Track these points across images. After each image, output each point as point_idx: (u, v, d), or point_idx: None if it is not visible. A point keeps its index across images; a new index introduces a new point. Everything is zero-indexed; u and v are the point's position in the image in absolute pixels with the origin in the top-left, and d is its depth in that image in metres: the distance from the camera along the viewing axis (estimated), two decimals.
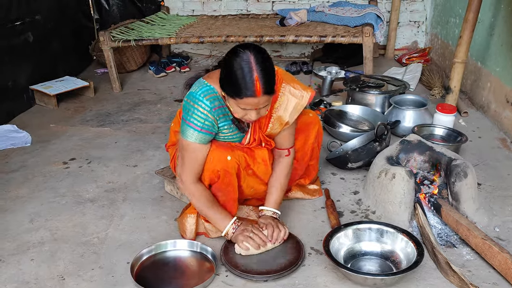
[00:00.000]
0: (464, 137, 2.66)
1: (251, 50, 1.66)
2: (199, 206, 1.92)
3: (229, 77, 1.67)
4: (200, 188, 1.90)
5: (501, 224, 2.08)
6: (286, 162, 2.04)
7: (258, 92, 1.65)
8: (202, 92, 1.79)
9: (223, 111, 1.84)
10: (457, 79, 3.11)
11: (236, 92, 1.67)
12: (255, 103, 1.68)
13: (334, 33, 3.73)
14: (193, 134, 1.81)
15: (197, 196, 1.90)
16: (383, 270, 1.83)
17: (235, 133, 1.93)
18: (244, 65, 1.63)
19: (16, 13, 3.43)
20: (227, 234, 1.91)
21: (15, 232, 2.13)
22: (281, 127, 1.94)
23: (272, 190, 2.02)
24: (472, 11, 2.91)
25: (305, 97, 1.92)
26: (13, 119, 3.40)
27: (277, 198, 2.03)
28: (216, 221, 1.92)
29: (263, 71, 1.65)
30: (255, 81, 1.63)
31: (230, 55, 1.68)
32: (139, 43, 3.83)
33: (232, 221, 1.91)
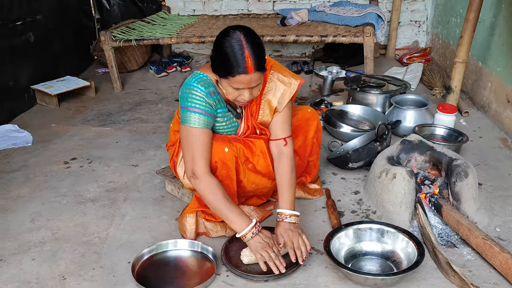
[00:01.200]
0: (465, 137, 2.66)
1: (241, 30, 1.70)
2: (216, 202, 1.80)
3: (221, 56, 1.70)
4: (216, 182, 1.82)
5: (502, 224, 2.08)
6: (287, 156, 1.96)
7: (250, 69, 1.67)
8: (196, 79, 1.82)
9: (218, 97, 1.87)
10: (458, 79, 3.10)
11: (228, 70, 1.68)
12: (247, 81, 1.69)
13: (335, 32, 3.73)
14: (196, 118, 1.80)
15: (215, 191, 1.80)
16: (383, 270, 1.83)
17: (230, 122, 1.94)
18: (234, 43, 1.66)
19: (17, 13, 3.43)
20: (244, 236, 1.78)
21: (16, 231, 2.13)
22: (271, 114, 1.95)
23: (283, 189, 1.93)
24: (473, 11, 2.91)
25: (294, 84, 1.94)
26: (14, 118, 3.40)
27: (290, 197, 1.93)
28: (233, 220, 1.79)
29: (254, 48, 1.67)
30: (246, 58, 1.65)
31: (221, 36, 1.71)
32: (140, 43, 3.84)
33: (253, 224, 1.78)
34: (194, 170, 1.82)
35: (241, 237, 1.79)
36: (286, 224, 1.87)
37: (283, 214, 1.89)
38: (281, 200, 1.93)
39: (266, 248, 1.76)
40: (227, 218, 1.82)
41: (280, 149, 1.99)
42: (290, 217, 1.88)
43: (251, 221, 1.80)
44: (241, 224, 1.79)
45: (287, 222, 1.87)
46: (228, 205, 1.81)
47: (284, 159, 1.97)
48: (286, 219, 1.88)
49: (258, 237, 1.78)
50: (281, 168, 1.97)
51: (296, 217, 1.90)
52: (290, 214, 1.89)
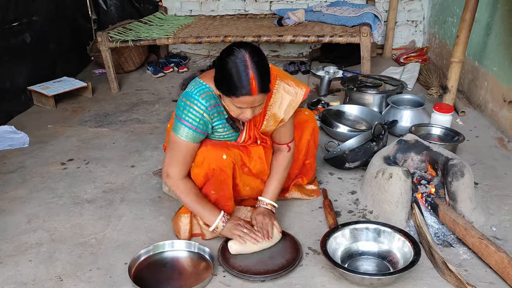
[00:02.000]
0: (461, 137, 2.67)
1: (246, 48, 1.67)
2: (188, 201, 1.92)
3: (225, 75, 1.68)
4: (188, 184, 1.91)
5: (498, 224, 2.09)
6: (285, 156, 2.07)
7: (254, 91, 1.66)
8: (198, 91, 1.79)
9: (218, 109, 1.85)
10: (454, 79, 3.11)
11: (231, 90, 1.67)
12: (250, 102, 1.69)
13: (332, 32, 3.73)
14: (187, 133, 1.81)
15: (186, 192, 1.90)
16: (380, 270, 1.83)
17: (230, 132, 1.93)
18: (239, 63, 1.64)
19: (13, 14, 3.42)
20: (217, 228, 1.92)
21: (12, 233, 2.13)
22: (275, 124, 1.95)
23: (272, 181, 2.06)
24: (469, 11, 2.92)
25: (299, 94, 1.94)
26: (11, 120, 3.40)
27: (275, 190, 2.06)
28: (205, 215, 1.93)
29: (259, 69, 1.66)
30: (251, 80, 1.64)
31: (225, 54, 1.69)
32: (137, 43, 3.83)
33: (221, 215, 1.92)
34: (169, 172, 1.90)
35: (215, 230, 1.94)
36: (261, 209, 2.03)
37: (261, 202, 2.05)
38: (266, 189, 2.07)
39: (238, 227, 1.93)
40: (200, 214, 1.95)
41: (281, 150, 2.07)
42: (266, 205, 2.04)
43: (219, 212, 1.93)
44: (212, 218, 1.92)
45: (263, 207, 2.03)
46: (200, 203, 1.92)
47: (283, 156, 2.07)
48: (262, 205, 2.04)
49: (229, 224, 1.94)
50: (277, 162, 2.08)
51: (272, 207, 2.05)
52: (267, 202, 2.05)
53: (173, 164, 1.88)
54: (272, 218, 2.00)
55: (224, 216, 1.94)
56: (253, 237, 1.91)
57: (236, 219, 1.97)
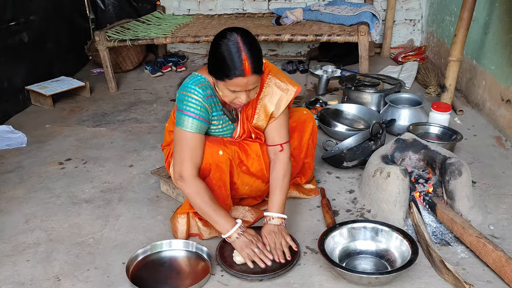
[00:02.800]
0: (459, 135, 2.67)
1: (238, 32, 1.69)
2: (202, 205, 1.83)
3: (218, 59, 1.69)
4: (203, 185, 1.84)
5: (496, 222, 2.09)
6: (282, 160, 1.99)
7: (247, 71, 1.66)
8: (194, 81, 1.82)
9: (214, 100, 1.86)
10: (452, 78, 3.11)
11: (225, 73, 1.68)
12: (244, 83, 1.69)
13: (330, 32, 3.73)
14: (190, 122, 1.80)
15: (201, 194, 1.82)
16: (378, 269, 1.83)
17: (226, 125, 1.94)
18: (231, 45, 1.65)
19: (10, 14, 3.41)
20: (230, 237, 1.82)
21: (10, 233, 2.13)
22: (266, 119, 1.95)
23: (274, 192, 1.96)
24: (467, 10, 2.92)
25: (291, 91, 1.93)
26: (8, 119, 3.39)
27: (280, 200, 1.95)
28: (219, 222, 1.83)
29: (251, 50, 1.67)
30: (243, 60, 1.65)
31: (217, 38, 1.71)
32: (135, 42, 3.83)
33: (238, 225, 1.83)
34: (181, 172, 1.84)
35: (227, 238, 1.84)
36: (271, 226, 1.91)
37: (269, 217, 1.93)
38: (270, 203, 1.96)
39: (250, 245, 1.81)
40: (213, 220, 1.85)
41: (276, 154, 2.00)
42: (276, 220, 1.92)
43: (236, 223, 1.84)
44: (227, 226, 1.82)
45: (272, 224, 1.91)
46: (214, 207, 1.83)
47: (279, 164, 1.99)
48: (271, 221, 1.92)
49: (243, 237, 1.83)
50: (274, 172, 1.99)
51: (282, 220, 1.93)
52: (276, 216, 1.92)
53: (184, 162, 1.82)
54: (284, 234, 1.89)
55: (240, 228, 1.83)
56: (262, 260, 1.80)
57: (251, 234, 1.85)
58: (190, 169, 1.83)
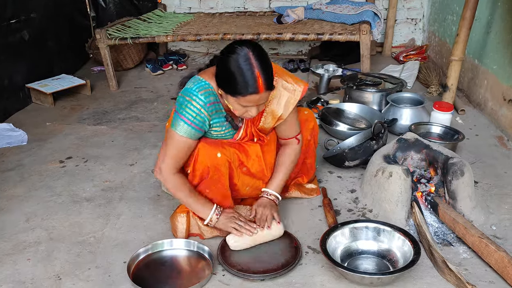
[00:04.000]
0: (461, 135, 2.67)
1: (248, 46, 1.66)
2: (181, 196, 1.91)
3: (229, 75, 1.67)
4: (179, 179, 1.90)
5: (498, 222, 2.08)
6: (294, 149, 2.07)
7: (261, 89, 1.66)
8: (198, 87, 1.79)
9: (217, 107, 1.85)
10: (454, 77, 3.11)
11: (237, 90, 1.66)
12: (256, 100, 1.69)
13: (331, 30, 3.72)
14: (183, 128, 1.80)
15: (178, 186, 1.89)
16: (380, 269, 1.83)
17: (227, 131, 1.93)
18: (243, 62, 1.64)
19: (11, 11, 3.40)
20: (211, 220, 1.92)
21: (11, 231, 2.12)
22: (274, 121, 1.95)
23: (277, 173, 2.05)
24: (469, 9, 2.91)
25: (298, 91, 1.93)
26: (9, 117, 3.38)
27: (280, 181, 2.05)
28: (198, 209, 1.92)
29: (263, 67, 1.66)
30: (257, 78, 1.64)
31: (227, 53, 1.68)
32: (136, 41, 3.82)
33: (214, 207, 1.92)
34: (161, 167, 1.89)
35: (209, 223, 1.93)
36: (264, 199, 2.02)
37: (265, 192, 2.04)
38: (270, 181, 2.06)
39: (233, 219, 1.92)
40: (194, 208, 1.94)
41: (289, 144, 2.07)
42: (269, 195, 2.02)
43: (213, 205, 1.93)
44: (206, 211, 1.92)
45: (265, 198, 2.02)
46: (193, 197, 1.91)
47: (290, 150, 2.07)
48: (265, 195, 2.02)
49: (222, 216, 1.93)
50: (283, 156, 2.07)
51: (275, 198, 2.03)
52: (271, 193, 2.03)
53: (166, 159, 1.87)
54: (273, 209, 1.98)
55: (217, 209, 1.93)
56: (248, 229, 1.90)
57: (229, 212, 1.96)
58: (168, 167, 1.87)
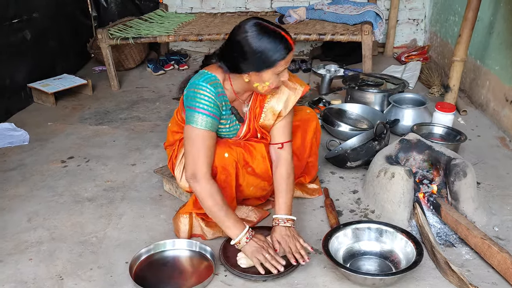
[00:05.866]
0: (463, 136, 2.66)
1: (249, 20, 1.71)
2: (214, 208, 1.78)
3: (258, 51, 1.67)
4: (216, 187, 1.80)
5: (500, 224, 2.08)
6: (285, 160, 1.96)
7: (292, 44, 1.70)
8: (205, 79, 1.79)
9: (224, 99, 1.85)
10: (456, 78, 3.10)
11: (276, 57, 1.68)
12: (290, 58, 1.72)
13: (333, 31, 3.72)
14: (203, 120, 1.76)
15: (214, 196, 1.77)
16: (382, 270, 1.83)
17: (232, 125, 1.93)
18: (262, 31, 1.66)
19: (13, 11, 3.40)
20: (239, 242, 1.78)
21: (13, 231, 2.12)
22: (274, 118, 1.94)
23: (280, 193, 1.92)
24: (472, 9, 2.91)
25: (298, 90, 1.93)
26: (11, 117, 3.38)
27: (287, 201, 1.91)
28: (228, 224, 1.79)
29: (276, 25, 1.70)
30: (284, 36, 1.67)
31: (240, 34, 1.69)
32: (138, 41, 3.82)
33: (246, 230, 1.78)
34: (195, 172, 1.78)
35: (236, 244, 1.79)
36: (282, 229, 1.85)
37: (279, 219, 1.87)
38: (277, 205, 1.92)
39: (261, 251, 1.76)
40: (223, 224, 1.80)
41: (278, 154, 1.97)
42: (286, 222, 1.86)
43: (245, 227, 1.80)
44: (237, 230, 1.78)
45: (283, 227, 1.86)
46: (225, 211, 1.79)
47: (282, 163, 1.96)
48: (281, 223, 1.86)
49: (252, 242, 1.78)
50: (278, 173, 1.96)
51: (292, 222, 1.89)
52: (286, 218, 1.87)
53: (198, 161, 1.77)
54: (297, 236, 1.84)
55: (249, 232, 1.79)
56: (275, 265, 1.74)
57: (261, 239, 1.81)
58: (205, 168, 1.78)
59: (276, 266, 1.74)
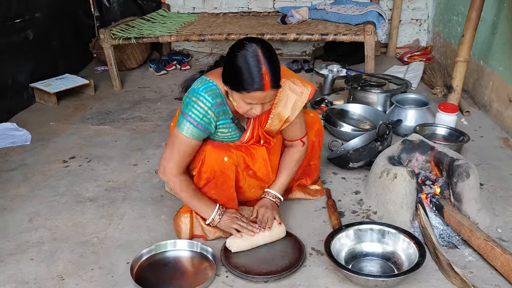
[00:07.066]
0: (466, 137, 2.65)
1: (258, 43, 1.66)
2: (185, 197, 1.91)
3: (236, 70, 1.65)
4: (185, 181, 1.90)
5: (504, 225, 2.07)
6: (299, 151, 2.07)
7: (266, 86, 1.64)
8: (205, 88, 1.78)
9: (224, 108, 1.83)
10: (459, 78, 3.09)
11: (243, 86, 1.65)
12: (262, 97, 1.67)
13: (336, 31, 3.71)
14: (188, 128, 1.79)
15: (183, 188, 1.89)
16: (384, 271, 1.82)
17: (234, 133, 1.91)
18: (251, 58, 1.62)
19: (15, 11, 3.41)
20: (213, 220, 1.92)
21: (14, 231, 2.12)
22: (280, 124, 1.93)
23: (281, 174, 2.05)
24: (475, 10, 2.89)
25: (305, 94, 1.91)
26: (13, 117, 3.38)
27: (284, 183, 2.06)
28: (201, 209, 1.93)
29: (271, 64, 1.65)
30: (263, 75, 1.62)
31: (236, 49, 1.67)
32: (140, 41, 3.81)
33: (216, 208, 1.92)
34: (165, 167, 1.88)
35: (210, 222, 1.93)
36: (266, 200, 2.02)
37: (267, 193, 2.04)
38: (274, 182, 2.06)
39: (235, 221, 1.92)
40: (198, 209, 1.94)
41: (294, 146, 2.07)
42: (272, 197, 2.03)
43: (216, 205, 1.93)
44: (208, 211, 1.92)
45: (267, 199, 2.02)
46: (198, 198, 1.91)
47: (295, 152, 2.07)
48: (267, 196, 2.03)
49: (225, 216, 1.93)
50: (288, 157, 2.07)
51: (277, 199, 2.04)
52: (273, 194, 2.04)
53: (171, 160, 1.86)
54: (274, 211, 1.99)
55: (220, 209, 1.93)
56: (250, 230, 1.90)
57: (232, 212, 1.96)
58: (174, 168, 1.86)
59: (252, 230, 1.90)
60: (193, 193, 1.90)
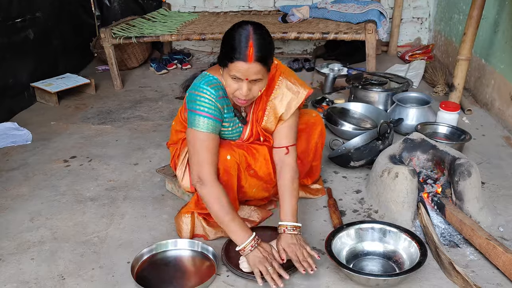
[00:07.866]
0: (468, 135, 2.64)
1: (252, 24, 1.70)
2: (220, 211, 1.75)
3: (226, 44, 1.69)
4: (222, 190, 1.77)
5: (505, 224, 2.06)
6: (289, 165, 1.90)
7: (249, 57, 1.64)
8: (206, 81, 1.79)
9: (226, 101, 1.84)
10: (461, 77, 3.08)
11: (229, 55, 1.66)
12: (245, 69, 1.65)
13: (337, 29, 3.70)
14: (204, 122, 1.77)
15: (220, 199, 1.75)
16: (385, 270, 1.81)
17: (236, 128, 1.91)
18: (242, 33, 1.66)
19: (16, 10, 3.41)
20: (244, 250, 1.73)
21: (15, 231, 2.12)
22: (275, 121, 1.92)
23: (284, 199, 1.86)
24: (477, 8, 2.88)
25: (301, 94, 1.90)
26: (13, 116, 3.38)
27: (292, 207, 1.84)
28: (234, 231, 1.75)
29: (260, 40, 1.66)
30: (249, 47, 1.64)
31: (232, 28, 1.72)
32: (140, 40, 3.81)
33: (251, 237, 1.73)
34: (200, 175, 1.77)
35: (240, 250, 1.74)
36: (287, 236, 1.78)
37: (283, 227, 1.81)
38: (282, 211, 1.85)
39: (264, 262, 1.69)
40: (228, 228, 1.76)
41: (282, 158, 1.93)
42: (292, 229, 1.80)
43: (251, 234, 1.74)
44: (242, 237, 1.73)
45: (289, 234, 1.79)
46: (232, 215, 1.76)
47: (286, 168, 1.90)
48: (287, 231, 1.79)
49: (257, 251, 1.72)
50: (282, 178, 1.90)
51: (298, 229, 1.82)
52: (291, 226, 1.80)
53: (203, 164, 1.76)
54: (304, 244, 1.77)
55: (255, 240, 1.73)
56: (275, 280, 1.65)
57: (266, 249, 1.74)
58: (210, 171, 1.77)
59: (276, 280, 1.65)
60: (227, 207, 1.75)
